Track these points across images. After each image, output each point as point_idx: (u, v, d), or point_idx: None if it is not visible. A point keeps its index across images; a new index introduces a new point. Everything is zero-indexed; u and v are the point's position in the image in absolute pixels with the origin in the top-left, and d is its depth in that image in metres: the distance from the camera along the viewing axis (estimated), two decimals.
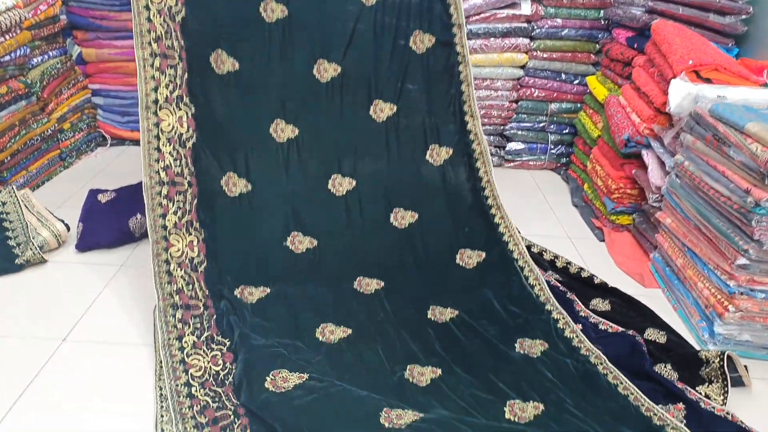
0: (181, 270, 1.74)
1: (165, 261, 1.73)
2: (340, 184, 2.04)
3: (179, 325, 1.63)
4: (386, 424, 1.38)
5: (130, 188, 2.37)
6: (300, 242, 1.95)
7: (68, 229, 2.16)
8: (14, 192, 2.19)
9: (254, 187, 1.93)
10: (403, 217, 2.09)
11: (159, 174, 1.75)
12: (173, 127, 1.76)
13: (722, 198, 1.78)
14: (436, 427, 1.37)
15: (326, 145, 2.05)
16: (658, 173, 2.24)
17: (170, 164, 1.76)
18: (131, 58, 2.96)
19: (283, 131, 1.98)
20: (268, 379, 1.49)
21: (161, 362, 1.60)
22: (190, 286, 1.73)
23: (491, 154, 3.21)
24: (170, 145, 1.76)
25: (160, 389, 1.53)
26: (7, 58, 2.36)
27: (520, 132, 3.14)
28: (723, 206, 1.78)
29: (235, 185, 1.90)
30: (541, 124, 3.13)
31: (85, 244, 2.12)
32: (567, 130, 3.14)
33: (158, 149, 1.74)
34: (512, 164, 3.20)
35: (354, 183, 2.06)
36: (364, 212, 2.05)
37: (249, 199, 1.92)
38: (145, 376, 1.58)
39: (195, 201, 1.81)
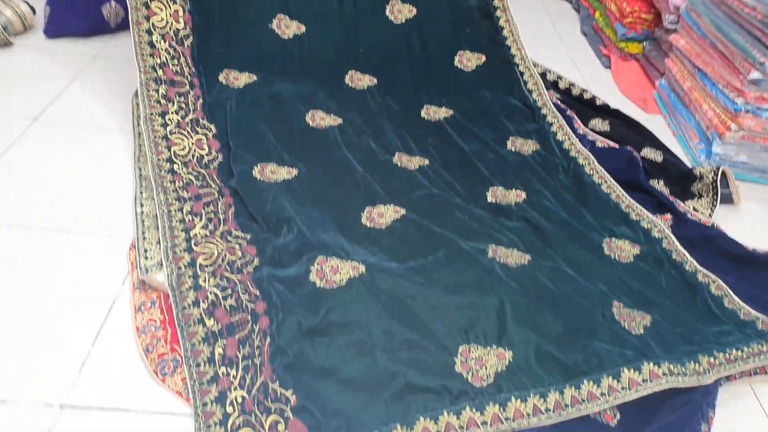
0: (165, 42, 1.58)
1: (146, 31, 1.56)
2: None
3: (162, 101, 1.51)
4: (368, 224, 1.35)
5: None
6: (287, 27, 1.78)
7: (34, 12, 1.98)
8: None
9: None
10: (400, 11, 1.90)
11: None
12: None
13: (746, 9, 1.65)
14: (415, 229, 1.35)
15: None
16: None
17: None
18: None
19: None
20: (256, 168, 1.44)
21: (140, 146, 1.53)
22: (176, 61, 1.58)
23: None
24: None
25: (140, 170, 1.47)
26: None
27: None
28: (745, 18, 1.66)
29: None
30: None
31: (54, 30, 1.95)
32: None
33: None
34: None
35: None
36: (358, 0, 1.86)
37: None
38: (122, 160, 1.52)
39: None
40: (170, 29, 1.59)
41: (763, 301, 1.32)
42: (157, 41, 1.56)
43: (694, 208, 1.60)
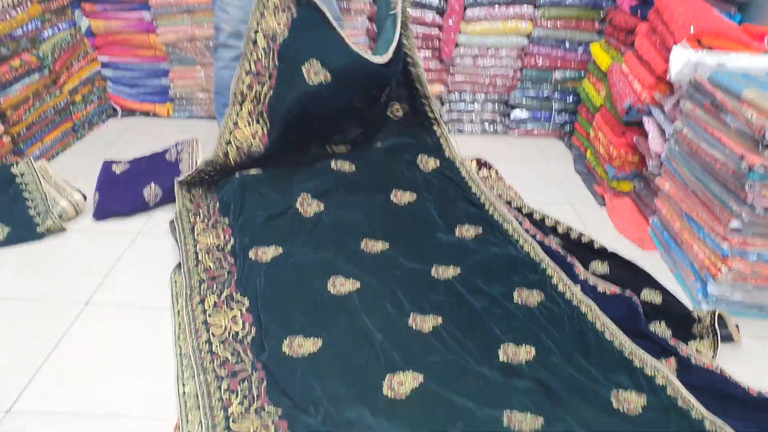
0: (209, 256, 1.91)
1: (193, 245, 1.93)
2: None
3: (203, 292, 1.75)
4: (389, 394, 1.45)
5: (143, 159, 2.44)
6: (308, 205, 2.08)
7: (85, 198, 2.24)
8: (32, 163, 2.26)
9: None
10: (402, 196, 2.26)
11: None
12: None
13: (718, 164, 1.83)
14: (433, 398, 1.44)
15: None
16: (658, 140, 2.29)
17: None
18: (139, 30, 3.01)
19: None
20: (285, 342, 1.59)
21: (180, 324, 1.70)
22: (217, 264, 1.87)
23: (496, 122, 3.25)
24: None
25: (180, 348, 1.62)
26: (20, 32, 2.41)
27: (524, 100, 3.18)
28: (718, 172, 1.83)
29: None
30: (545, 93, 3.16)
31: (102, 213, 2.20)
32: (571, 98, 3.17)
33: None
34: (517, 132, 3.24)
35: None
36: (369, 191, 2.26)
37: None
38: (164, 338, 1.67)
39: None
40: (213, 247, 1.96)
41: None
42: (202, 257, 1.90)
43: (697, 350, 1.69)
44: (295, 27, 2.21)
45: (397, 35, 2.31)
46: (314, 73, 2.20)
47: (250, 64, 2.20)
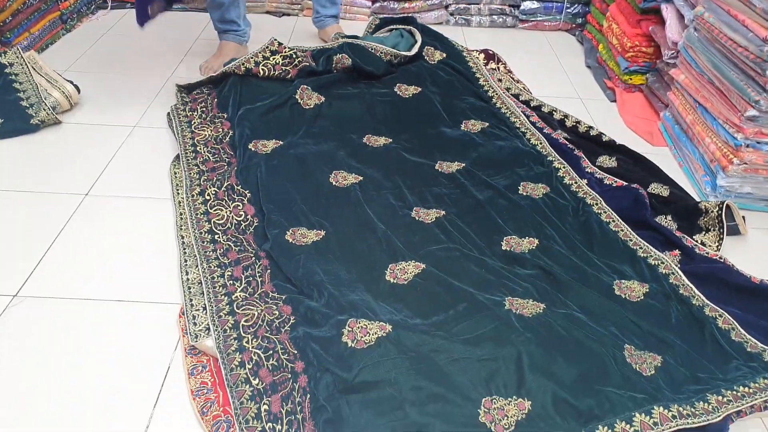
0: (206, 147, 1.88)
1: (191, 144, 1.89)
2: None
3: (203, 183, 1.74)
4: (391, 280, 1.45)
5: None
6: (309, 98, 1.98)
7: (78, 91, 2.16)
8: (20, 53, 2.16)
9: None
10: (406, 90, 2.19)
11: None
12: None
13: (739, 48, 1.74)
14: (435, 283, 1.45)
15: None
16: (676, 28, 2.17)
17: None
18: None
19: None
20: (288, 233, 1.58)
21: (181, 214, 1.68)
22: (217, 157, 1.85)
23: (505, 14, 3.08)
24: None
25: (182, 238, 1.61)
26: None
27: None
28: (739, 57, 1.74)
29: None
30: None
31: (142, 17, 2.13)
32: None
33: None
34: (526, 25, 3.08)
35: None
36: (371, 85, 2.21)
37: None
38: (165, 228, 1.66)
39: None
40: (211, 139, 1.94)
41: None
42: (200, 149, 1.88)
43: (702, 242, 1.68)
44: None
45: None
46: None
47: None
